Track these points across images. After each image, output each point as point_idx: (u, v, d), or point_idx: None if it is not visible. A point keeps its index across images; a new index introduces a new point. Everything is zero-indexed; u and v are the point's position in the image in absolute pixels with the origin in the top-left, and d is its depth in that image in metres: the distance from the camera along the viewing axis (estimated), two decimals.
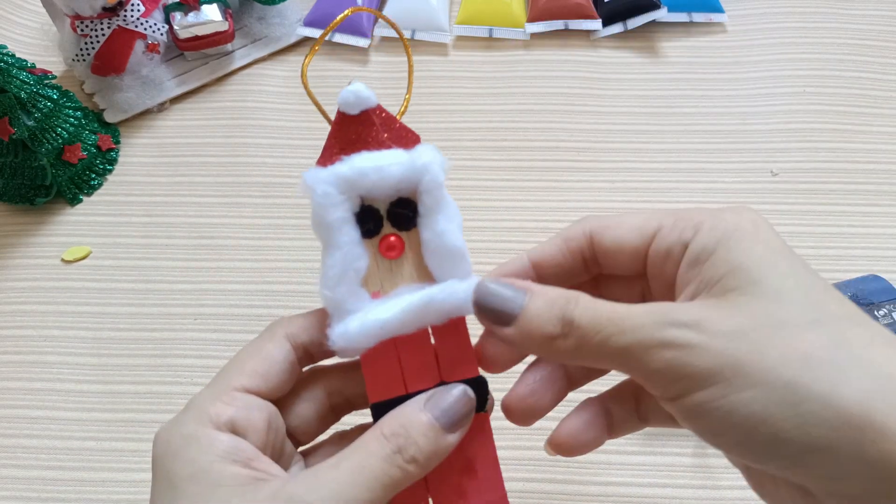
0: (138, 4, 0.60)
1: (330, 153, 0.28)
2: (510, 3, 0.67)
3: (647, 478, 0.44)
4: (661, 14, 0.65)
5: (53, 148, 0.56)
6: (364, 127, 0.28)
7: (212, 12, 0.62)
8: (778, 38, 0.65)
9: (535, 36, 0.66)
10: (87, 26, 0.59)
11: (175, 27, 0.62)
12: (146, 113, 0.63)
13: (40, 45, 0.67)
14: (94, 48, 0.59)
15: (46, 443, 0.47)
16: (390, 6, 0.67)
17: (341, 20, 0.29)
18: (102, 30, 0.59)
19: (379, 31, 0.67)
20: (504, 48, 0.66)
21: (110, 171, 0.60)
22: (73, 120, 0.57)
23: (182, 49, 0.63)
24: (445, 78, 0.64)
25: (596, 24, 0.65)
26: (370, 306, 0.28)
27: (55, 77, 0.57)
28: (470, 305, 0.27)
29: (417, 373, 0.28)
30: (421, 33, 0.66)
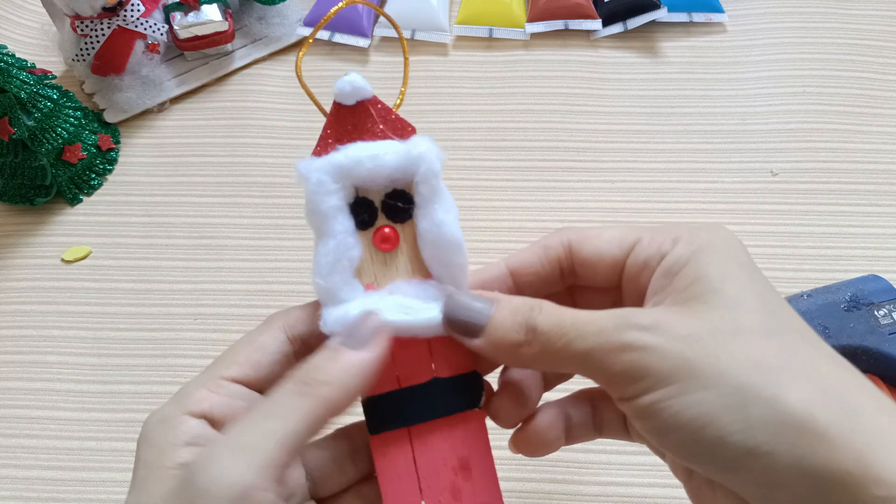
0: (138, 4, 0.60)
1: (325, 143, 0.28)
2: (510, 3, 0.67)
3: (647, 478, 0.44)
4: (661, 14, 0.65)
5: (53, 148, 0.56)
6: (360, 117, 0.28)
7: (212, 12, 0.62)
8: (778, 38, 0.65)
9: (535, 36, 0.66)
10: (87, 26, 0.59)
11: (175, 27, 0.62)
12: (146, 113, 0.63)
13: (40, 45, 0.67)
14: (94, 48, 0.59)
15: (46, 443, 0.47)
16: (390, 6, 0.67)
17: (335, 12, 0.29)
18: (102, 30, 0.59)
19: (379, 31, 0.67)
20: (504, 48, 0.66)
21: (110, 171, 0.60)
22: (73, 120, 0.57)
23: (182, 49, 0.63)
24: (445, 78, 0.64)
25: (596, 24, 0.65)
26: (365, 296, 0.28)
27: (55, 77, 0.57)
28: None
29: (411, 367, 0.28)
30: (421, 33, 0.66)
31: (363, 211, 0.28)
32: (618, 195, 0.56)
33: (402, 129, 0.29)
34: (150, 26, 0.60)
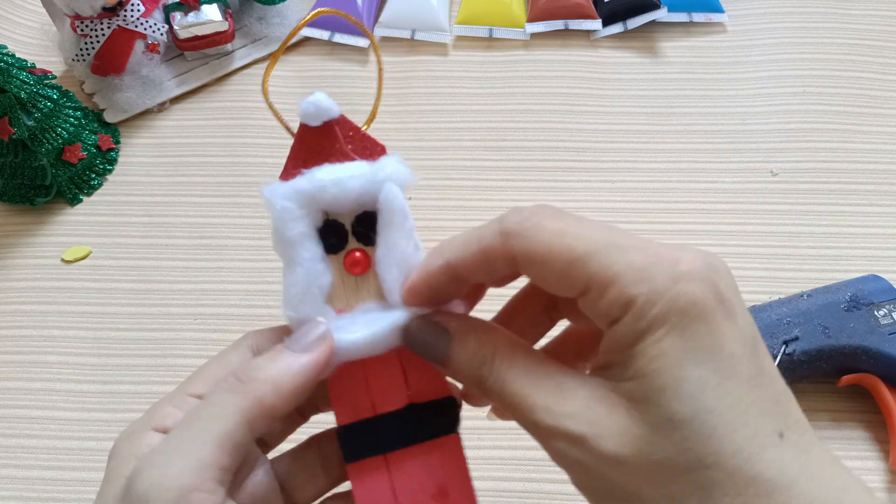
0: (138, 4, 0.60)
1: (291, 166, 0.27)
2: (510, 3, 0.67)
3: None
4: (661, 14, 0.65)
5: (53, 148, 0.56)
6: (326, 139, 0.27)
7: (212, 12, 0.62)
8: (778, 38, 0.65)
9: (535, 36, 0.66)
10: (87, 26, 0.59)
11: (175, 27, 0.62)
12: (146, 113, 0.63)
13: (40, 45, 0.67)
14: (94, 48, 0.59)
15: (46, 443, 0.47)
16: (390, 6, 0.67)
17: (304, 24, 0.28)
18: (102, 30, 0.59)
19: (379, 31, 0.67)
20: (504, 48, 0.66)
21: (110, 171, 0.60)
22: (73, 120, 0.57)
23: (182, 49, 0.63)
24: (445, 78, 0.64)
25: (596, 24, 0.65)
26: (336, 324, 0.27)
27: (55, 77, 0.57)
28: None
29: (385, 394, 0.28)
30: (421, 33, 0.66)
31: (332, 235, 0.27)
32: (618, 195, 0.56)
33: (372, 150, 0.28)
34: (150, 26, 0.60)
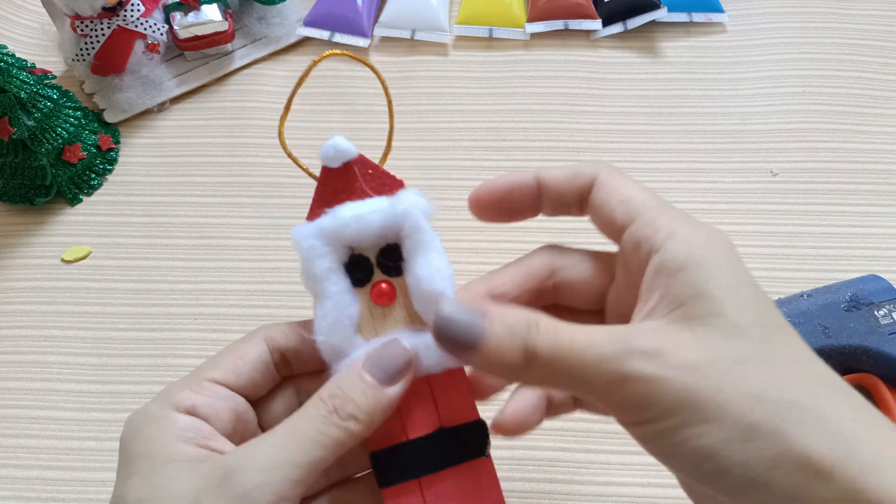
0: (138, 4, 0.60)
1: (316, 207, 0.29)
2: (510, 3, 0.67)
3: (646, 478, 0.44)
4: (661, 14, 0.65)
5: (53, 148, 0.56)
6: (346, 178, 0.29)
7: (212, 12, 0.62)
8: (778, 38, 0.65)
9: (535, 36, 0.66)
10: (87, 26, 0.59)
11: (175, 27, 0.62)
12: (146, 113, 0.63)
13: (40, 45, 0.67)
14: (94, 48, 0.59)
15: (46, 443, 0.47)
16: (390, 6, 0.67)
17: (312, 68, 0.30)
18: (102, 30, 0.59)
19: (379, 31, 0.67)
20: (504, 48, 0.66)
21: (110, 171, 0.60)
22: (73, 120, 0.57)
23: (182, 49, 0.63)
24: (445, 78, 0.64)
25: (596, 24, 0.65)
26: (368, 345, 0.28)
27: (55, 77, 0.57)
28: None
29: (417, 419, 0.29)
30: (421, 33, 0.66)
31: (358, 269, 0.29)
32: None
33: (390, 185, 0.29)
34: (150, 26, 0.60)
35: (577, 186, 0.29)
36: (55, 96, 0.56)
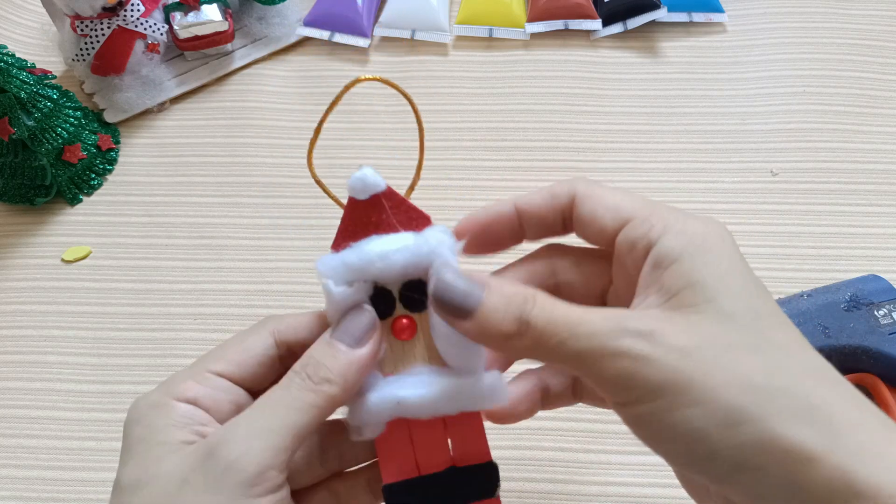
0: (138, 4, 0.60)
1: (342, 238, 0.29)
2: (510, 3, 0.67)
3: (647, 478, 0.44)
4: (661, 14, 0.65)
5: (53, 148, 0.56)
6: (374, 211, 0.29)
7: (212, 12, 0.62)
8: (778, 38, 0.65)
9: (535, 36, 0.66)
10: (87, 26, 0.59)
11: (175, 27, 0.62)
12: (146, 113, 0.63)
13: (40, 45, 0.67)
14: (94, 48, 0.59)
15: (46, 443, 0.47)
16: (390, 6, 0.67)
17: (344, 93, 0.28)
18: (102, 30, 0.59)
19: (379, 31, 0.67)
20: (504, 48, 0.66)
21: (110, 171, 0.60)
22: (73, 120, 0.57)
23: (182, 49, 0.63)
24: (445, 78, 0.64)
25: (596, 24, 0.65)
26: (384, 383, 0.28)
27: (55, 77, 0.57)
28: (486, 402, 0.28)
29: (429, 455, 0.29)
30: (421, 33, 0.66)
31: (380, 303, 0.29)
32: None
33: (417, 221, 0.29)
34: (150, 26, 0.60)
35: (557, 207, 0.29)
36: (55, 96, 0.56)
